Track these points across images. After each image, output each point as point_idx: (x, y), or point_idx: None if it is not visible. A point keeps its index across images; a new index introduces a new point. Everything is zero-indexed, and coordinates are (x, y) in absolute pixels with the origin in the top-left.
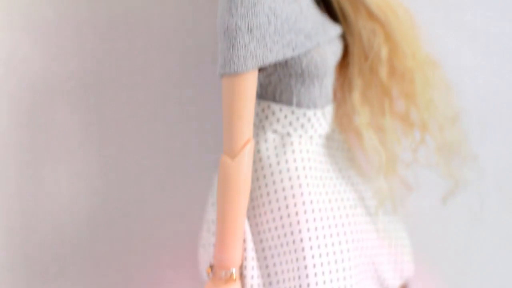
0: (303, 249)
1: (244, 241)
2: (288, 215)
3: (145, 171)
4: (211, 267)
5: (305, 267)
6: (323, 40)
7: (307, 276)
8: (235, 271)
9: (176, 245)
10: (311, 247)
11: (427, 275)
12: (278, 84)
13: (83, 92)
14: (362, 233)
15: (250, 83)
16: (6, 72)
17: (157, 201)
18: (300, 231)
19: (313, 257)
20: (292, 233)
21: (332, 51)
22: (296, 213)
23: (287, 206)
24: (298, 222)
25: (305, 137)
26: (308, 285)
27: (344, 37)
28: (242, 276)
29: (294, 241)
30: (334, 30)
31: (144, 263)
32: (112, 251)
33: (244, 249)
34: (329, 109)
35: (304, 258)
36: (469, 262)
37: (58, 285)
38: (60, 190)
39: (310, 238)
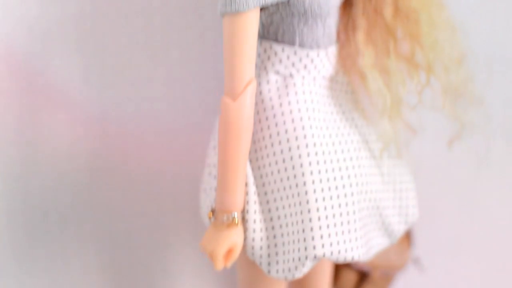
0: (306, 193)
1: (246, 184)
2: (291, 158)
3: (145, 115)
4: (213, 211)
5: (309, 210)
6: None
7: (310, 220)
8: (237, 215)
9: (177, 190)
10: (314, 191)
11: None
12: (281, 24)
13: (81, 35)
14: (367, 177)
15: (252, 22)
16: (2, 15)
17: (158, 146)
18: (303, 174)
19: (316, 200)
20: (295, 176)
21: None
22: (299, 156)
23: (289, 149)
24: (301, 165)
25: (308, 78)
26: (312, 229)
27: None
28: (244, 220)
29: (297, 185)
30: None
31: (145, 209)
32: (112, 197)
33: (246, 193)
34: (332, 50)
35: (307, 201)
36: (475, 207)
37: (59, 231)
38: (59, 135)
39: (313, 182)
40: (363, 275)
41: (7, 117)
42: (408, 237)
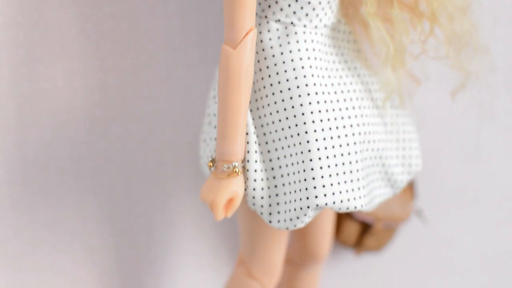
0: (308, 142)
1: (247, 134)
2: (292, 107)
3: (144, 66)
4: (213, 161)
5: (310, 159)
6: None
7: (312, 169)
8: (238, 164)
9: (177, 142)
10: (316, 140)
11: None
12: None
13: None
14: (369, 127)
15: None
16: None
17: (156, 97)
18: (305, 123)
19: (318, 149)
20: (296, 125)
21: None
22: (301, 105)
23: (291, 98)
24: (303, 114)
25: (309, 27)
26: (314, 178)
27: None
28: (244, 169)
29: (298, 134)
30: None
31: (144, 161)
32: (111, 150)
33: (247, 142)
34: None
35: (309, 150)
36: (478, 158)
37: (57, 184)
38: (57, 87)
39: (315, 131)
40: (365, 227)
41: (3, 70)
42: (411, 189)
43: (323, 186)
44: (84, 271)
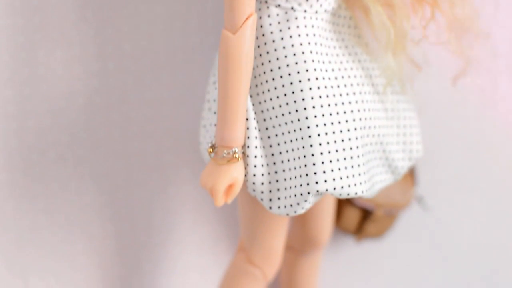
0: (308, 127)
1: (247, 119)
2: (293, 92)
3: (143, 52)
4: (213, 147)
5: (311, 145)
6: None
7: (312, 154)
8: (238, 150)
9: (176, 129)
10: (317, 125)
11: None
12: None
13: None
14: (370, 112)
15: None
16: None
17: (156, 84)
18: (305, 109)
19: (319, 135)
20: (297, 110)
21: None
22: (301, 90)
23: (291, 83)
24: (303, 100)
25: (310, 12)
26: (314, 164)
27: None
28: (245, 155)
29: (299, 119)
30: None
31: (144, 148)
32: (110, 136)
33: (247, 128)
34: None
35: (310, 136)
36: (479, 144)
37: (57, 171)
38: (56, 74)
39: (315, 116)
40: (366, 213)
41: (2, 56)
42: (412, 175)
43: (324, 172)
44: (83, 258)
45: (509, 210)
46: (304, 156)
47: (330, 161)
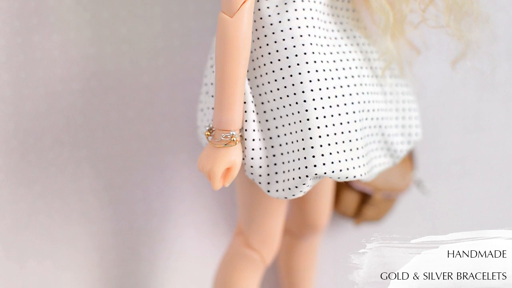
0: (307, 110)
1: (245, 103)
2: (291, 76)
3: (140, 36)
4: (210, 130)
5: (309, 128)
6: None
7: (311, 138)
8: (235, 133)
9: (174, 113)
10: (315, 108)
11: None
12: None
13: None
14: (369, 95)
15: None
16: None
17: (153, 68)
18: (303, 92)
19: (317, 118)
20: (295, 93)
21: None
22: (299, 73)
23: (289, 66)
24: (301, 83)
25: None
26: (312, 147)
27: None
28: (243, 139)
29: (297, 102)
30: None
31: (141, 132)
32: (107, 120)
33: (245, 111)
34: None
35: (308, 119)
36: (479, 128)
37: (54, 155)
38: (52, 58)
39: (314, 99)
40: (365, 197)
41: None
42: (411, 159)
43: (322, 155)
44: (81, 242)
45: (507, 193)
46: (303, 139)
47: (329, 144)
